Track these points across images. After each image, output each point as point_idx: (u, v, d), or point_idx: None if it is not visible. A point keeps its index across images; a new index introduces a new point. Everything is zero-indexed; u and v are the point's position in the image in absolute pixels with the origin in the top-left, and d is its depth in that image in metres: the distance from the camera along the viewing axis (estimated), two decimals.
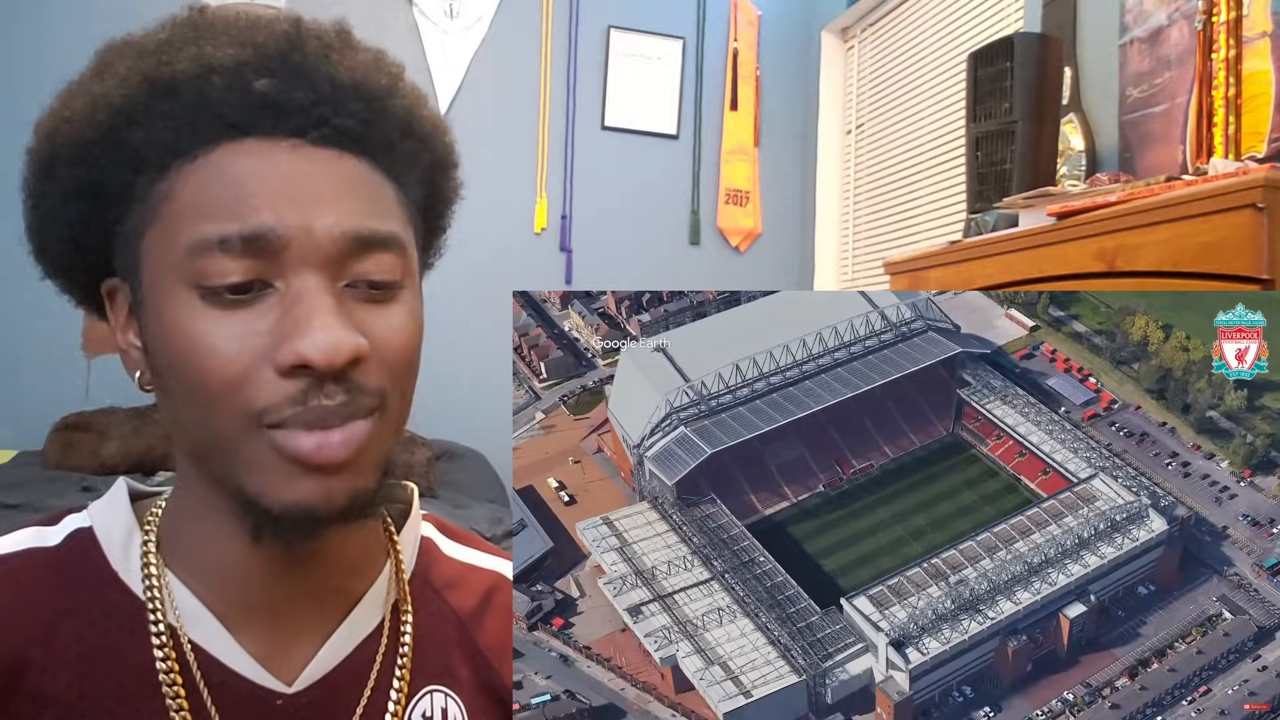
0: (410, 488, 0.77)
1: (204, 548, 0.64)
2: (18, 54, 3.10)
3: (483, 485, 3.05)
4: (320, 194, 0.58)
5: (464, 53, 3.54)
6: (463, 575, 0.76)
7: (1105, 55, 2.18)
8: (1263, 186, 1.15)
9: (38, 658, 0.60)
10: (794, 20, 3.88)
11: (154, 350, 0.59)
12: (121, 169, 0.59)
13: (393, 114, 0.63)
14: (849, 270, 3.70)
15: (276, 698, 0.64)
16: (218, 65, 0.58)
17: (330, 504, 0.58)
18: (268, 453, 0.57)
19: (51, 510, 0.69)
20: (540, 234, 3.61)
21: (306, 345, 0.55)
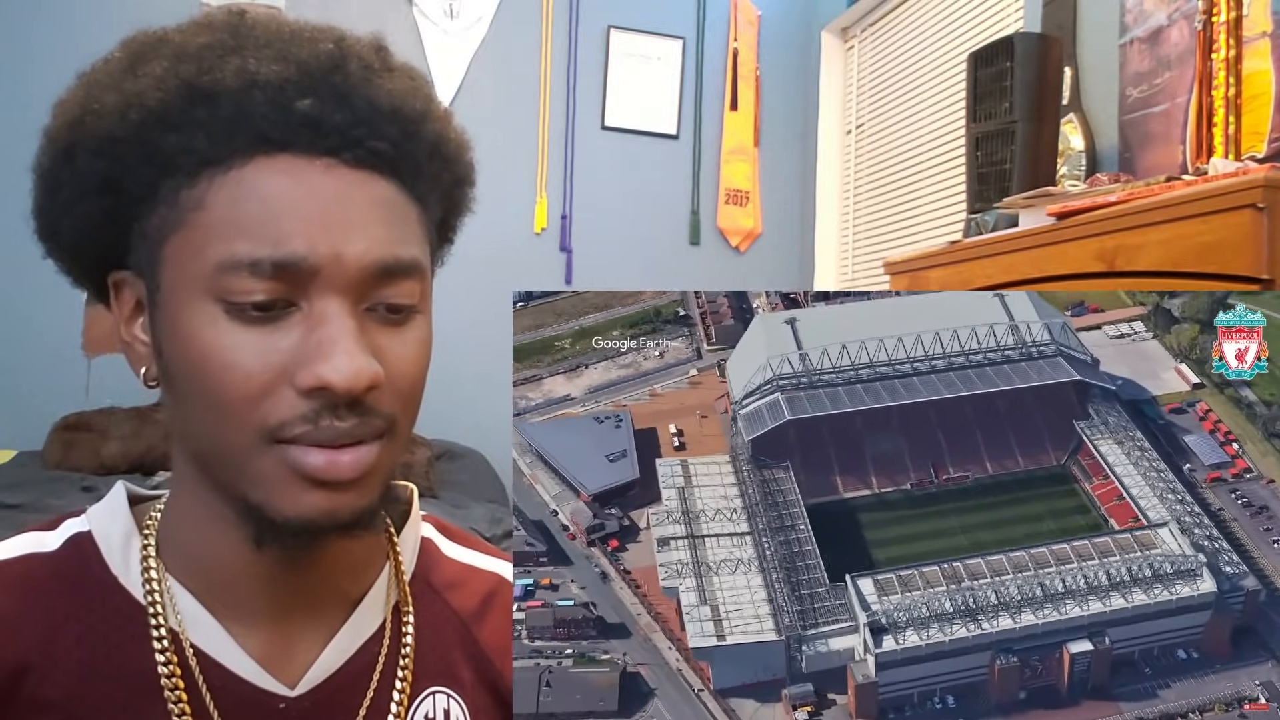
0: (410, 488, 0.77)
1: (204, 551, 0.64)
2: (12, 44, 3.10)
3: (483, 485, 3.05)
4: (351, 219, 0.58)
5: (464, 53, 3.54)
6: (464, 576, 0.76)
7: (1105, 55, 2.18)
8: (1263, 186, 1.15)
9: (38, 663, 0.60)
10: (794, 20, 3.88)
11: (169, 354, 0.59)
12: (148, 170, 0.58)
13: (424, 137, 0.63)
14: (849, 270, 3.70)
15: (279, 701, 0.64)
16: (261, 80, 0.57)
17: (333, 519, 0.59)
18: (276, 466, 0.57)
19: (52, 510, 0.69)
20: (540, 234, 3.61)
21: (329, 370, 0.56)
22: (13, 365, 3.12)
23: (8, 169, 2.72)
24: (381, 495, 0.62)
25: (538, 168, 3.61)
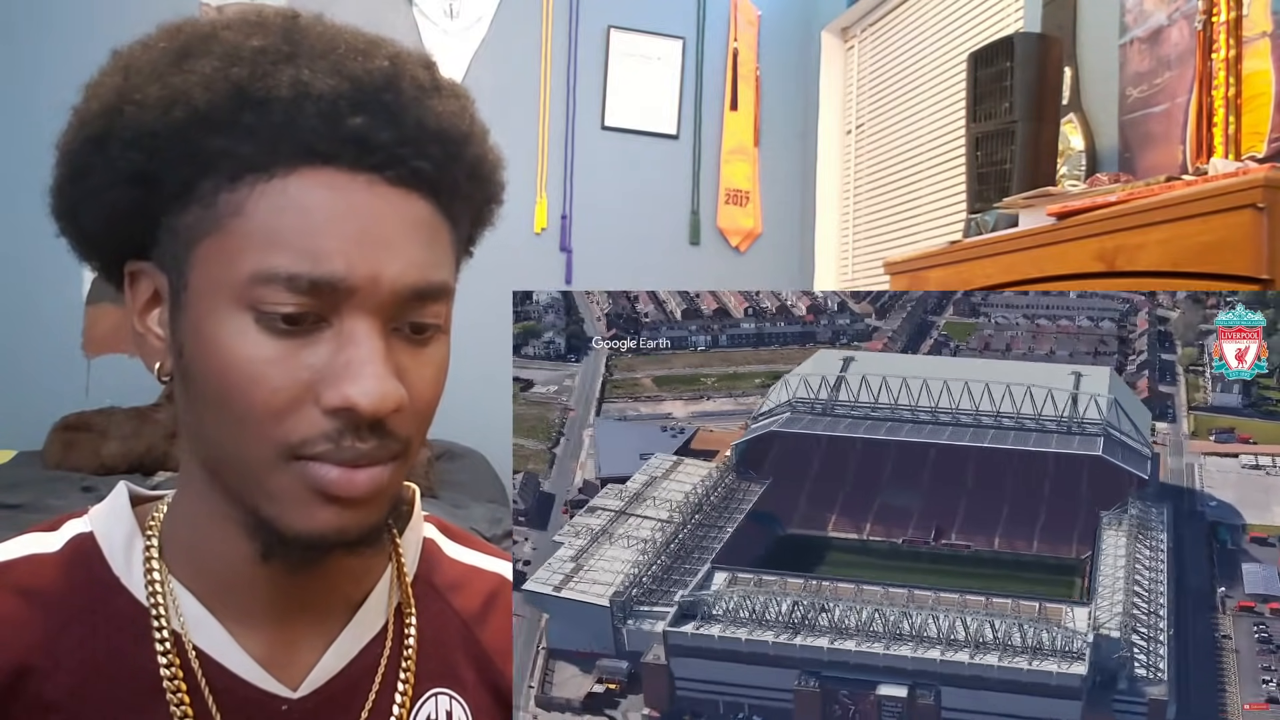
0: (412, 489, 0.77)
1: (208, 553, 0.64)
2: (15, 39, 3.10)
3: (483, 485, 3.05)
4: (390, 239, 0.58)
5: (464, 53, 3.54)
6: (466, 577, 0.76)
7: (1105, 55, 2.18)
8: (1263, 186, 1.15)
9: (39, 664, 0.60)
10: (794, 20, 3.88)
11: (190, 357, 0.59)
12: (187, 168, 0.57)
13: (465, 159, 0.63)
14: (849, 270, 3.71)
15: (281, 703, 0.64)
16: (315, 93, 0.56)
17: (342, 536, 0.59)
18: (292, 482, 0.57)
19: (52, 510, 0.69)
20: (540, 234, 3.61)
21: (357, 392, 0.55)
22: (13, 365, 3.11)
23: (8, 170, 2.72)
24: (389, 513, 0.62)
25: (538, 168, 3.61)
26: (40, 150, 0.66)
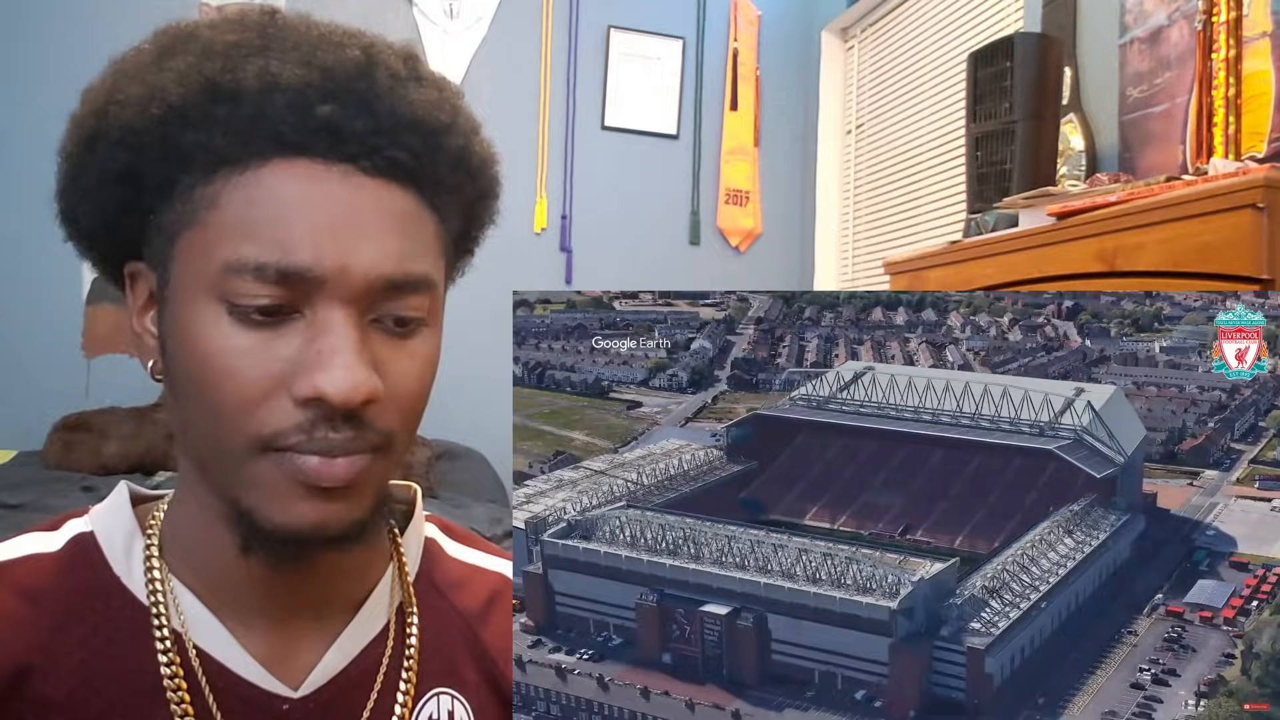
0: (414, 488, 0.77)
1: (207, 552, 0.64)
2: (16, 39, 3.10)
3: (483, 485, 3.05)
4: (363, 229, 0.57)
5: (464, 53, 3.54)
6: (467, 576, 0.76)
7: (1105, 55, 2.18)
8: (1263, 186, 1.15)
9: (40, 664, 0.60)
10: (794, 20, 3.88)
11: (172, 351, 0.59)
12: (166, 164, 0.58)
13: (447, 149, 0.62)
14: (849, 270, 3.71)
15: (283, 703, 0.64)
16: (282, 83, 0.57)
17: (323, 530, 0.58)
18: (270, 472, 0.57)
19: (52, 510, 0.69)
20: (540, 234, 3.61)
21: (325, 381, 0.55)
22: (13, 365, 3.11)
23: (8, 171, 2.72)
24: (374, 509, 0.61)
25: (538, 168, 3.61)
26: (40, 152, 0.67)
